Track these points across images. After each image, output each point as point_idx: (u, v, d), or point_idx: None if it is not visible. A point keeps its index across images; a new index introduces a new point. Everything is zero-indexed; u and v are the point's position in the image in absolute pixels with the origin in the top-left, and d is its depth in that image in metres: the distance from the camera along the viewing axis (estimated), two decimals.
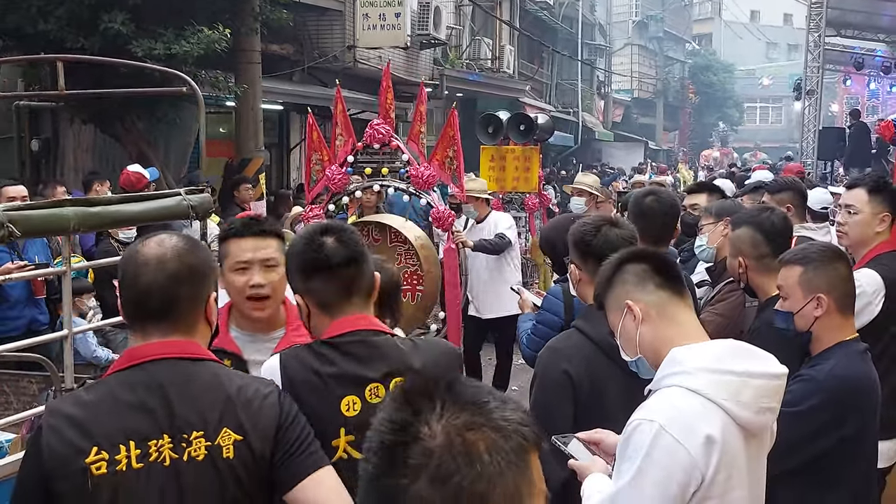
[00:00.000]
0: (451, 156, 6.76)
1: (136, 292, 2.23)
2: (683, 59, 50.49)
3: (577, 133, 33.14)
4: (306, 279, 2.61)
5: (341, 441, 2.50)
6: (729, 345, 2.39)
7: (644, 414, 2.28)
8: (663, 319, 2.45)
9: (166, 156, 13.24)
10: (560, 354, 3.14)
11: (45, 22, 9.72)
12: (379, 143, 6.69)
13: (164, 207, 3.91)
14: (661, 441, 2.21)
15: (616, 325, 2.55)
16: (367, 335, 2.60)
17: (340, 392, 2.51)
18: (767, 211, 3.97)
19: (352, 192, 6.66)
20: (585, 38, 36.63)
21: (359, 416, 2.50)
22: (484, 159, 11.45)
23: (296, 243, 2.67)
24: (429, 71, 21.10)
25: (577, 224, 3.50)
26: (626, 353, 2.55)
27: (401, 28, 16.94)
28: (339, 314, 2.60)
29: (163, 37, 9.82)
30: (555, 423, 2.98)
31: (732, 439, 2.26)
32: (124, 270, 2.26)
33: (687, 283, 4.00)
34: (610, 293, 2.56)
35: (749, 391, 2.26)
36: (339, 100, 7.03)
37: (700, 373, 2.27)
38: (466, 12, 25.10)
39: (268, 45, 14.44)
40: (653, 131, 45.18)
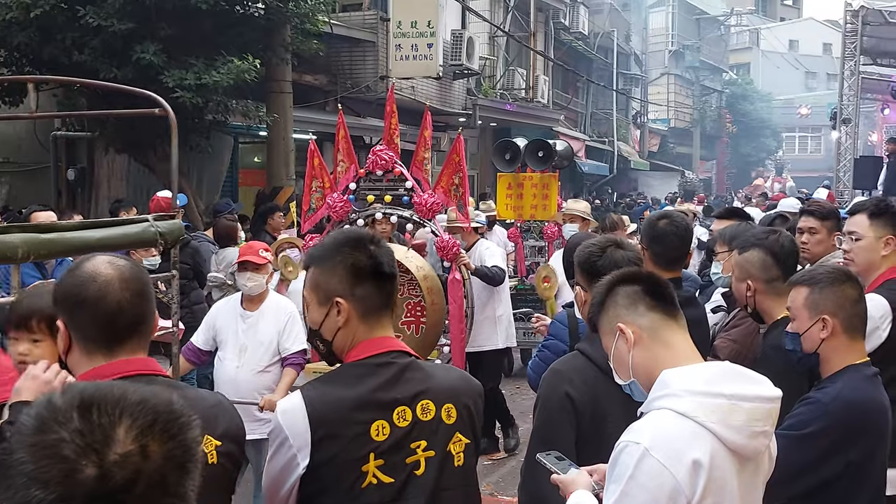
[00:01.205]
0: (456, 182, 6.49)
1: (106, 311, 2.22)
2: (720, 88, 50.30)
3: (613, 162, 33.11)
4: (355, 283, 2.55)
5: (370, 466, 2.46)
6: (720, 367, 2.35)
7: (631, 436, 2.24)
8: (655, 342, 2.42)
9: (198, 184, 13.41)
10: (562, 377, 3.12)
11: (80, 53, 9.95)
12: (382, 170, 6.45)
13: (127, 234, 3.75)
14: (646, 464, 2.17)
15: (609, 348, 2.52)
16: (396, 357, 2.57)
17: (370, 417, 2.47)
18: (776, 233, 3.92)
19: (353, 220, 6.41)
20: (621, 67, 36.67)
21: (388, 441, 2.47)
22: (501, 187, 11.23)
23: (341, 245, 2.59)
24: (462, 101, 21.22)
25: (583, 245, 3.50)
26: (619, 376, 2.52)
27: (433, 58, 17.09)
28: (377, 324, 2.57)
29: (193, 67, 9.99)
30: (556, 445, 2.96)
31: (722, 463, 2.21)
32: (81, 292, 2.24)
33: (697, 311, 4.00)
34: (602, 315, 2.54)
35: (740, 414, 2.21)
36: (340, 125, 6.77)
37: (689, 395, 2.23)
38: (500, 43, 25.25)
39: (301, 75, 14.63)
40: (689, 160, 45.01)
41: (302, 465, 2.43)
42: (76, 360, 2.27)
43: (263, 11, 11.24)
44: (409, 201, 6.37)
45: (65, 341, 2.28)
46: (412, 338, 5.81)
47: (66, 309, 2.26)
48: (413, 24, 17.01)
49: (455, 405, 2.59)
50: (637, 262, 3.30)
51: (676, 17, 45.75)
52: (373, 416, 2.48)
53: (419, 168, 6.60)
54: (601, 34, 34.02)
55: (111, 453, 1.23)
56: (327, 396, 2.50)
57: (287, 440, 2.45)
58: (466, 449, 2.61)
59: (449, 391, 2.60)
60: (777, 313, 3.66)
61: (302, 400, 2.49)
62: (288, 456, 2.45)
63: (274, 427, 2.50)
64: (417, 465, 2.51)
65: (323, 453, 2.43)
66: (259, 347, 5.76)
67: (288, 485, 2.47)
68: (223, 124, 11.87)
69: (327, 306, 2.55)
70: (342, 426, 2.45)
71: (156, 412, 1.30)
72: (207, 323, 5.93)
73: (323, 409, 2.46)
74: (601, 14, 35.20)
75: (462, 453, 2.60)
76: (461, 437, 2.60)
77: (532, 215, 11.07)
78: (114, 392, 1.31)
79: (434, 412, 2.54)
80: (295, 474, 2.45)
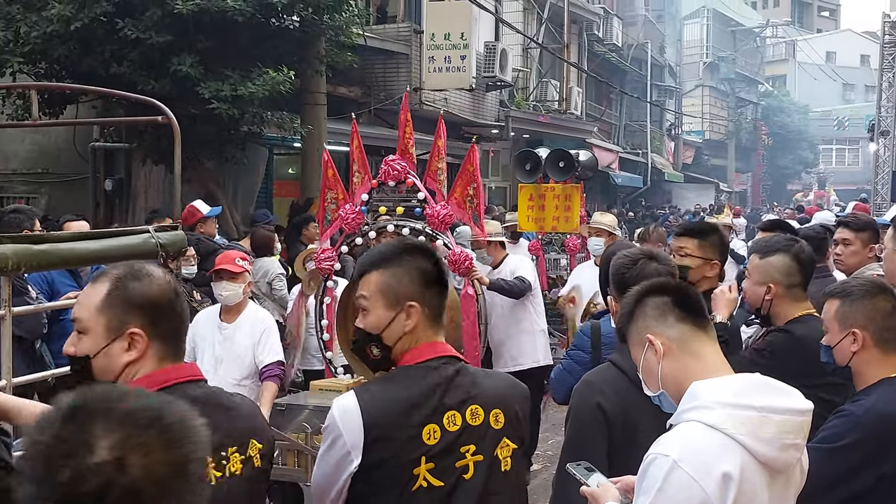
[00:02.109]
0: (471, 194, 6.21)
1: (183, 318, 2.31)
2: (756, 100, 49.97)
3: (647, 174, 32.98)
4: (425, 288, 2.62)
5: (422, 469, 2.49)
6: (749, 379, 2.33)
7: (660, 448, 2.24)
8: (685, 354, 2.41)
9: (234, 195, 13.53)
10: (594, 388, 3.13)
11: (119, 65, 10.09)
12: (394, 181, 6.14)
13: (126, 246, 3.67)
14: (675, 476, 2.16)
15: (638, 359, 2.52)
16: (447, 361, 2.62)
17: (422, 420, 2.51)
18: (799, 241, 3.94)
19: (365, 232, 6.16)
20: (655, 79, 36.55)
21: (439, 444, 2.50)
22: (522, 198, 10.84)
23: (407, 250, 2.65)
24: (495, 113, 21.26)
25: (617, 256, 3.53)
26: (648, 387, 2.51)
27: (466, 70, 17.14)
28: (436, 327, 2.64)
29: (229, 79, 10.09)
30: (588, 456, 2.97)
31: (753, 476, 2.19)
32: (161, 299, 2.27)
33: (731, 324, 3.98)
34: (631, 326, 2.54)
35: (770, 427, 2.20)
36: (354, 134, 6.56)
37: (719, 407, 2.22)
38: (533, 55, 25.28)
39: (335, 87, 14.73)
40: (724, 173, 44.72)
41: (355, 464, 2.48)
42: (139, 365, 2.26)
43: (299, 24, 11.33)
44: (421, 213, 6.10)
45: (143, 348, 2.25)
46: None
47: (148, 315, 2.26)
48: (446, 37, 17.09)
49: (503, 410, 2.62)
50: (670, 275, 3.30)
51: (711, 28, 45.58)
52: (425, 419, 2.51)
53: (433, 179, 6.33)
54: (635, 46, 33.93)
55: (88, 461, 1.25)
56: (381, 399, 2.54)
57: (341, 437, 2.49)
58: (514, 454, 2.65)
59: (497, 396, 2.63)
60: (784, 320, 3.72)
61: (356, 400, 2.52)
62: (342, 453, 2.50)
63: (330, 423, 2.55)
64: (466, 470, 2.55)
65: (375, 455, 2.47)
66: (235, 360, 5.71)
67: (340, 481, 2.52)
68: (258, 136, 11.97)
69: (396, 310, 2.58)
70: (395, 429, 2.49)
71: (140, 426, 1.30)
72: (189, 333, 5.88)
73: (377, 411, 2.50)
74: (635, 26, 35.14)
75: (509, 458, 2.63)
76: (508, 441, 2.63)
77: (554, 227, 10.72)
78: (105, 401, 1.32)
79: (483, 417, 2.58)
80: (347, 472, 2.49)
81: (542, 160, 10.73)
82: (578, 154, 11.20)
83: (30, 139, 14.40)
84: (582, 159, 11.14)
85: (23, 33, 10.04)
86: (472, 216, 6.32)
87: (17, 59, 10.14)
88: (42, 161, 14.67)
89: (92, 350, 2.24)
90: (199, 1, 9.65)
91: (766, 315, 3.86)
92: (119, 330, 2.23)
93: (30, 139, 14.40)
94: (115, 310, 2.24)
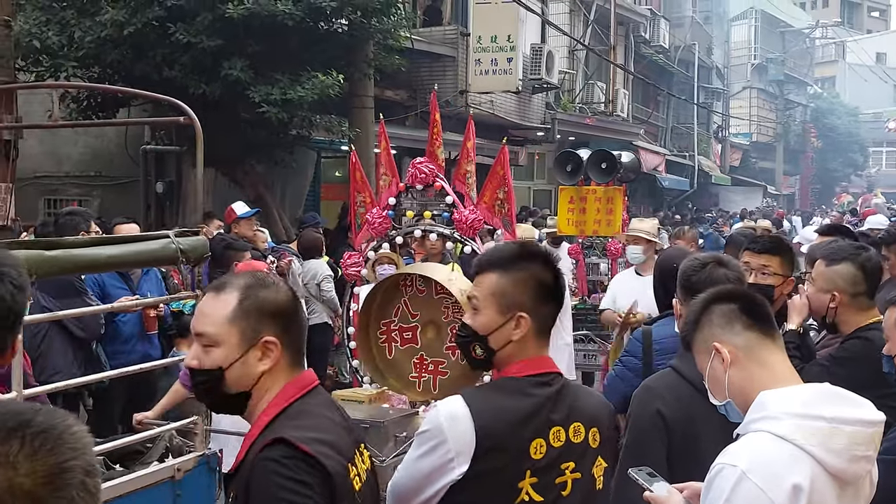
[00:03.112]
0: (501, 198, 5.95)
1: (303, 327, 2.37)
2: (805, 102, 49.33)
3: (693, 177, 32.68)
4: (539, 302, 2.57)
5: (526, 483, 2.47)
6: (819, 389, 2.29)
7: (727, 458, 2.21)
8: (752, 362, 2.38)
9: (283, 198, 13.63)
10: (654, 394, 3.11)
11: (170, 69, 10.21)
12: (422, 184, 5.88)
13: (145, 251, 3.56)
14: (743, 488, 2.13)
15: (704, 368, 2.49)
16: (554, 378, 2.60)
17: (532, 434, 2.49)
18: (866, 249, 3.88)
19: (392, 237, 5.95)
20: (702, 81, 36.23)
21: (544, 459, 2.49)
22: (562, 201, 10.54)
23: (529, 258, 2.61)
24: (541, 115, 21.19)
25: (686, 260, 3.54)
26: (714, 396, 2.49)
27: (512, 73, 17.12)
28: (543, 344, 2.61)
29: (279, 82, 10.17)
30: (647, 462, 2.94)
31: (823, 488, 2.15)
32: (290, 307, 2.32)
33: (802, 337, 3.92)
34: (697, 334, 2.50)
35: (841, 438, 2.16)
36: (382, 135, 6.36)
37: (787, 418, 2.19)
38: (580, 57, 25.17)
39: (382, 90, 14.79)
40: (772, 175, 44.18)
41: (458, 472, 2.42)
42: (275, 373, 2.27)
43: (347, 27, 11.39)
44: (449, 218, 5.87)
45: (277, 356, 2.26)
46: (455, 364, 5.37)
47: (282, 324, 2.28)
48: (493, 39, 17.08)
49: (599, 429, 2.62)
50: (738, 281, 3.27)
51: (759, 29, 45.06)
52: (534, 433, 2.49)
53: (462, 182, 6.07)
54: (682, 47, 33.66)
55: None
56: (494, 408, 2.49)
57: (446, 443, 2.43)
58: (605, 473, 2.65)
59: (594, 415, 2.63)
60: (853, 328, 3.68)
61: (467, 407, 2.46)
62: (443, 460, 2.44)
63: (432, 427, 2.48)
64: (565, 486, 2.53)
65: (484, 464, 2.43)
66: None
67: (433, 489, 2.47)
68: (307, 139, 12.05)
69: (507, 317, 2.54)
70: (508, 440, 2.46)
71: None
72: None
73: (491, 420, 2.45)
74: (682, 27, 34.86)
75: (602, 477, 2.63)
76: (602, 461, 2.63)
77: (595, 231, 10.34)
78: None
79: (584, 435, 2.57)
80: (446, 480, 2.44)
81: (584, 161, 10.44)
82: (621, 155, 10.84)
83: (83, 142, 14.62)
84: (624, 161, 10.80)
85: (77, 38, 10.21)
86: (503, 221, 6.05)
87: (71, 63, 10.30)
88: (95, 164, 14.89)
89: (225, 361, 2.22)
90: (249, 5, 9.75)
91: (831, 323, 3.82)
92: (254, 339, 2.23)
93: (83, 142, 14.62)
94: (250, 319, 2.23)
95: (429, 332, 5.44)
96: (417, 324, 5.46)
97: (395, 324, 5.50)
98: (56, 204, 13.91)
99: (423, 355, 5.45)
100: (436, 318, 5.43)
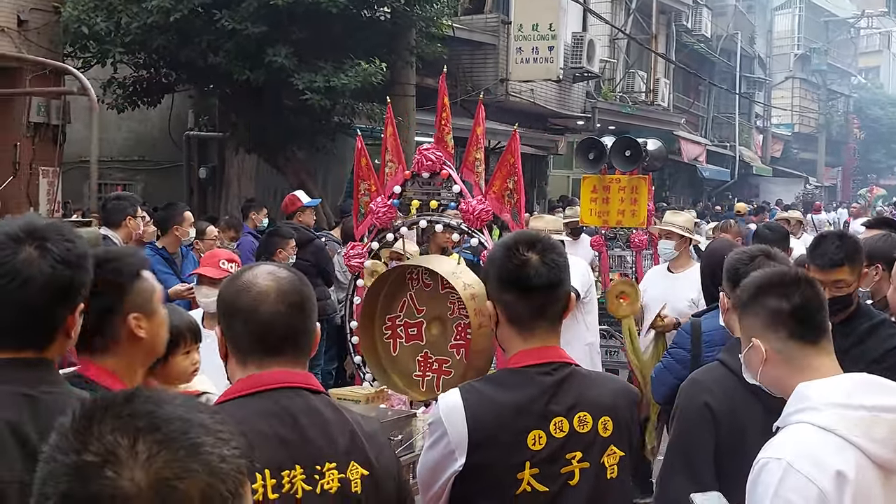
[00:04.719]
0: (510, 187, 5.53)
1: (259, 323, 2.18)
2: (848, 92, 48.66)
3: (734, 167, 32.39)
4: (501, 290, 2.55)
5: (526, 474, 2.46)
6: (859, 378, 2.27)
7: (771, 452, 2.19)
8: (789, 367, 2.36)
9: (324, 185, 13.72)
10: (701, 387, 3.09)
11: (215, 56, 10.30)
12: (429, 172, 5.53)
13: None
14: (790, 479, 2.12)
15: (742, 348, 2.49)
16: (556, 368, 2.55)
17: (527, 426, 2.47)
18: None
19: (397, 227, 5.63)
20: (744, 70, 35.83)
21: (544, 450, 2.47)
22: (585, 190, 9.98)
23: (497, 250, 2.61)
24: (581, 104, 21.11)
25: (734, 252, 3.50)
26: (748, 374, 2.51)
27: (553, 61, 17.05)
28: (529, 332, 2.56)
29: (322, 70, 10.23)
30: (696, 456, 2.95)
31: (868, 478, 2.14)
32: (236, 302, 2.21)
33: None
34: (743, 315, 2.48)
35: (882, 427, 2.15)
36: (388, 121, 5.99)
37: (829, 408, 2.17)
38: (621, 45, 25.00)
39: (423, 78, 14.80)
40: (814, 167, 43.67)
41: (459, 463, 2.45)
42: (232, 368, 2.26)
43: (390, 15, 11.42)
44: (456, 207, 5.53)
45: (221, 349, 2.27)
46: (460, 363, 5.08)
47: (224, 318, 2.25)
48: (534, 27, 17.02)
49: (612, 418, 2.57)
50: None
51: (803, 19, 44.46)
52: (530, 425, 2.47)
53: (470, 170, 5.68)
54: (724, 37, 33.30)
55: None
56: (487, 400, 2.50)
57: (446, 435, 2.46)
58: (620, 462, 2.59)
59: (607, 404, 2.57)
60: None
61: (461, 400, 2.49)
62: (445, 452, 2.47)
63: (435, 419, 2.53)
64: (572, 476, 2.50)
65: (479, 456, 2.45)
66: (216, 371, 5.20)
67: (443, 478, 2.50)
68: (348, 126, 12.11)
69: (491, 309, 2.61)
70: (499, 432, 2.46)
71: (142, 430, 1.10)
72: None
73: (481, 412, 2.47)
74: (724, 16, 34.47)
75: (616, 466, 2.58)
76: (616, 449, 2.58)
77: (619, 222, 9.65)
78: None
79: (591, 424, 2.53)
80: (451, 470, 2.47)
81: (607, 149, 9.87)
82: (646, 143, 10.23)
83: (126, 127, 14.81)
84: (650, 148, 10.22)
85: (123, 24, 10.32)
86: (512, 211, 5.64)
87: (118, 49, 10.43)
88: (138, 149, 15.08)
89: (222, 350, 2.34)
90: None
91: None
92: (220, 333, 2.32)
93: (126, 127, 14.81)
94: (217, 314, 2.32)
95: (434, 329, 5.17)
96: (423, 319, 5.18)
97: (401, 319, 5.22)
98: (101, 189, 14.09)
99: (427, 352, 5.18)
100: (441, 313, 5.13)
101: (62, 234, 2.16)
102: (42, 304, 2.11)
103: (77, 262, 2.14)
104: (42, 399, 2.08)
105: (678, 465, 2.99)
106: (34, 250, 2.09)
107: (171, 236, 6.99)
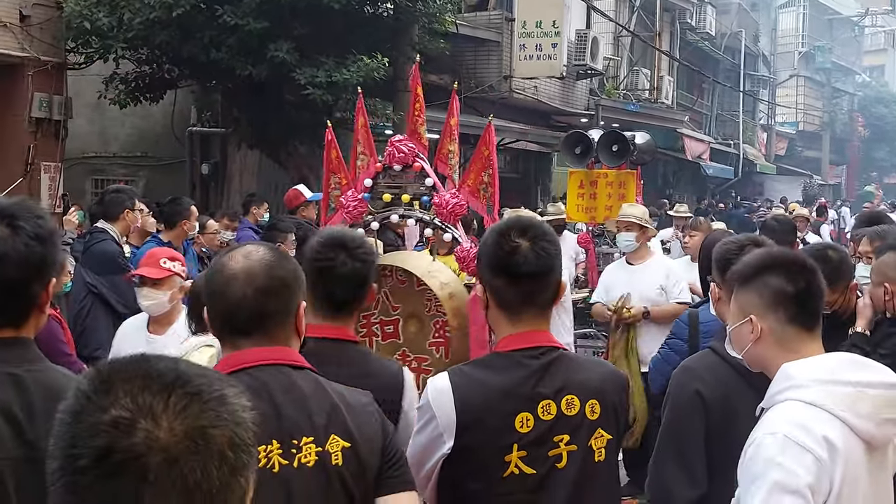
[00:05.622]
0: (486, 181, 5.32)
1: (226, 306, 2.21)
2: (853, 90, 48.57)
3: (738, 165, 32.34)
4: (491, 276, 2.59)
5: (513, 456, 2.49)
6: (843, 357, 2.33)
7: (764, 429, 2.22)
8: (781, 348, 2.37)
9: None
10: (693, 374, 3.09)
11: (217, 51, 10.30)
12: (400, 164, 5.29)
13: None
14: (790, 449, 2.15)
15: (731, 321, 2.50)
16: (544, 352, 2.58)
17: (515, 408, 2.49)
18: None
19: (367, 223, 5.33)
20: (748, 68, 35.77)
21: (532, 433, 2.49)
22: (572, 185, 9.88)
23: (490, 235, 2.63)
24: (584, 101, 21.08)
25: (723, 242, 3.51)
26: (732, 349, 2.53)
27: (557, 58, 17.03)
28: (517, 317, 2.58)
29: (324, 65, 10.24)
30: (687, 443, 2.95)
31: (854, 451, 2.18)
32: (211, 284, 2.26)
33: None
34: (742, 290, 2.47)
35: (866, 402, 2.19)
36: (360, 112, 5.71)
37: (815, 384, 2.21)
38: (625, 43, 24.97)
39: (426, 74, 14.79)
40: (818, 165, 43.59)
41: (447, 445, 2.48)
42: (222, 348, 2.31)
43: (393, 11, 11.43)
44: (429, 201, 5.32)
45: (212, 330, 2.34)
46: (440, 360, 4.93)
47: (205, 297, 2.32)
48: (538, 24, 16.99)
49: (600, 401, 2.58)
50: None
51: (807, 17, 44.37)
52: (518, 407, 2.50)
53: (444, 163, 5.49)
54: (728, 34, 33.25)
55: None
56: (474, 383, 2.53)
57: (434, 418, 2.50)
58: (608, 445, 2.61)
59: (594, 387, 2.59)
60: None
61: (450, 383, 2.52)
62: (434, 434, 2.50)
63: (424, 403, 2.55)
64: (559, 459, 2.52)
65: (467, 438, 2.47)
66: None
67: (432, 461, 2.52)
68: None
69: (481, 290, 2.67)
70: (487, 414, 2.48)
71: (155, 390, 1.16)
72: (114, 347, 5.02)
73: (469, 395, 2.50)
74: (728, 14, 34.41)
75: (603, 449, 2.60)
76: (603, 432, 2.60)
77: (606, 218, 9.36)
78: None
79: (578, 407, 2.55)
80: (439, 452, 2.50)
81: (594, 143, 9.75)
82: (634, 136, 10.08)
83: (129, 123, 14.82)
84: (639, 142, 10.04)
85: (126, 20, 10.32)
86: (487, 206, 5.42)
87: (120, 44, 10.45)
88: (141, 145, 15.10)
89: None
90: None
91: (893, 316, 3.73)
92: None
93: (129, 123, 14.82)
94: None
95: (411, 326, 4.98)
96: (399, 317, 4.99)
97: (376, 317, 5.00)
98: (103, 184, 14.13)
99: (405, 351, 5.00)
100: (418, 311, 4.94)
101: (31, 211, 2.19)
102: (18, 282, 2.13)
103: (49, 238, 2.18)
104: (25, 377, 2.10)
105: (669, 453, 3.00)
106: (6, 228, 2.12)
107: (178, 230, 6.99)
